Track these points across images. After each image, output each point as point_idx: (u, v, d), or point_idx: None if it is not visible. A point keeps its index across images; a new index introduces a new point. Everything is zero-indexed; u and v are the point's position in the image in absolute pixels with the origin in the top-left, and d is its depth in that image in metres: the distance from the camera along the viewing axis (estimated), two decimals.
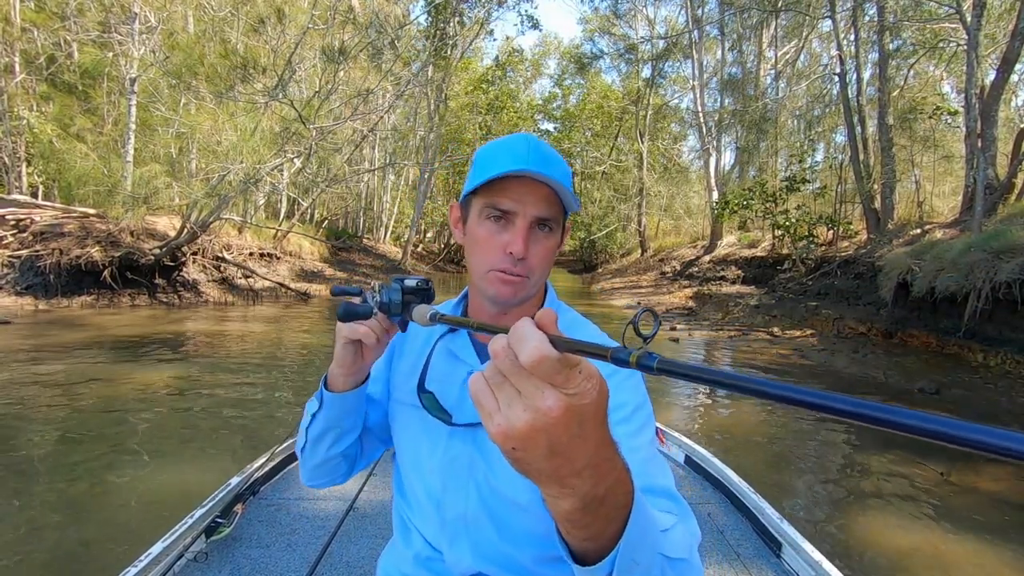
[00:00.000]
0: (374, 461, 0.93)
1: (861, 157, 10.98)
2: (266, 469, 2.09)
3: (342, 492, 2.02)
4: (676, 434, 2.58)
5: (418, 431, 0.79)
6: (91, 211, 9.78)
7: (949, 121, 11.80)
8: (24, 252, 8.76)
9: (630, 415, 0.69)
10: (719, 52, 20.69)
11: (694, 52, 19.42)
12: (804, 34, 17.34)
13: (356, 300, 0.71)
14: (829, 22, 12.31)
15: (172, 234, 10.30)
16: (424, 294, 0.70)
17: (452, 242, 28.04)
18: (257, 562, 1.65)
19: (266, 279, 12.14)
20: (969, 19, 8.03)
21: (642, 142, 23.39)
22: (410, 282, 0.69)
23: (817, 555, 1.61)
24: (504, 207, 0.70)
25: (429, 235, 34.11)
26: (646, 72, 24.65)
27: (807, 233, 11.26)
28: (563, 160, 0.75)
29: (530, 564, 0.74)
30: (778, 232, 12.23)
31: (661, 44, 22.47)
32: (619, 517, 0.43)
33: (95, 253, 8.90)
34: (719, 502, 2.13)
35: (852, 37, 11.34)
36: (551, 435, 0.37)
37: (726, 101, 19.92)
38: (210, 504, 1.75)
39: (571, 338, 0.37)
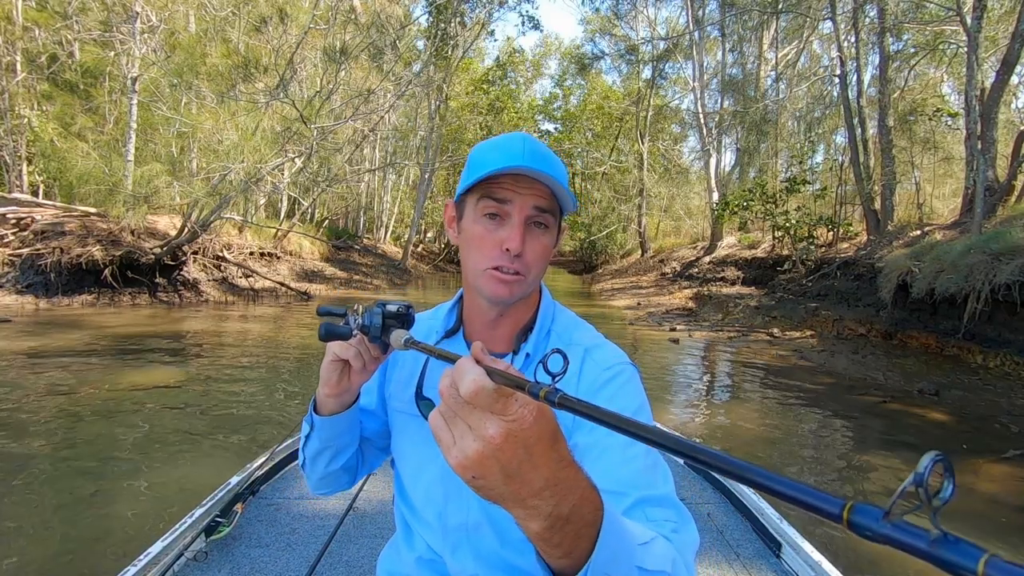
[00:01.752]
0: (377, 468, 0.93)
1: (861, 158, 10.98)
2: (266, 469, 2.09)
3: (342, 492, 2.02)
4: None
5: (418, 440, 0.79)
6: (92, 210, 9.78)
7: (949, 123, 11.82)
8: (25, 251, 8.77)
9: None
10: (720, 53, 20.68)
11: (695, 53, 19.42)
12: (805, 35, 17.35)
13: (339, 321, 0.72)
14: (830, 24, 12.32)
15: (173, 233, 10.30)
16: (403, 319, 0.71)
17: (452, 242, 28.01)
18: (257, 562, 1.66)
19: (266, 279, 12.14)
20: (969, 21, 8.03)
21: (642, 143, 23.38)
22: (391, 307, 0.71)
23: (817, 555, 1.61)
24: (499, 204, 0.70)
25: (429, 235, 34.12)
26: (647, 73, 24.67)
27: (807, 234, 11.26)
28: (558, 158, 0.75)
29: (534, 570, 0.73)
30: (778, 233, 12.23)
31: (662, 45, 22.47)
32: (589, 534, 0.44)
33: (96, 252, 8.90)
34: (719, 502, 2.13)
35: (853, 39, 11.33)
36: (501, 460, 0.40)
37: (726, 102, 19.90)
38: (210, 504, 1.75)
39: (503, 370, 0.40)
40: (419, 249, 27.43)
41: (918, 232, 8.88)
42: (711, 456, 0.30)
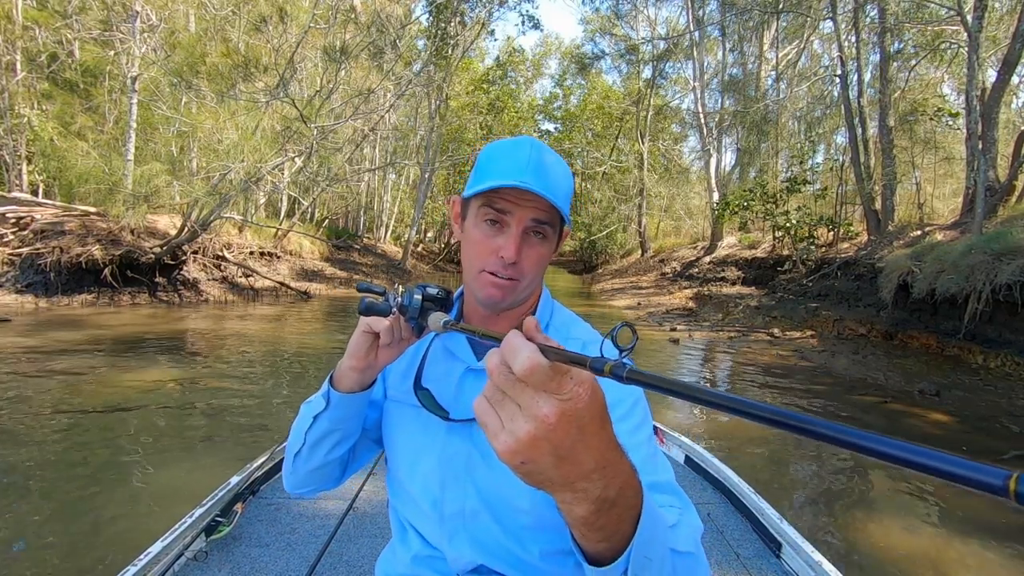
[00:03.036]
0: (369, 464, 0.93)
1: (862, 158, 10.98)
2: (266, 468, 2.09)
3: (342, 491, 2.01)
4: (676, 434, 2.57)
5: (415, 429, 0.79)
6: (92, 209, 9.77)
7: (950, 123, 11.79)
8: (25, 250, 8.76)
9: (628, 412, 0.70)
10: (720, 53, 20.67)
11: (695, 53, 19.41)
12: (805, 35, 17.32)
13: (379, 299, 0.73)
14: (830, 23, 12.31)
15: (173, 233, 10.30)
16: (442, 303, 0.73)
17: (452, 242, 28.02)
18: (257, 561, 1.65)
19: (266, 278, 12.14)
20: (970, 21, 8.02)
21: (643, 143, 23.36)
22: (431, 290, 0.72)
23: (817, 555, 1.61)
24: (499, 213, 0.71)
25: (429, 235, 34.10)
26: (647, 73, 24.64)
27: (807, 234, 11.26)
28: (565, 170, 0.75)
29: (536, 559, 0.73)
30: (778, 233, 12.22)
31: (662, 45, 22.44)
32: (630, 517, 0.44)
33: (96, 251, 8.89)
34: (719, 502, 2.13)
35: (853, 39, 11.32)
36: (553, 441, 0.39)
37: (727, 102, 19.90)
38: (210, 503, 1.74)
39: (559, 347, 0.38)
40: (419, 249, 27.43)
41: (919, 232, 8.88)
42: (832, 429, 0.26)
